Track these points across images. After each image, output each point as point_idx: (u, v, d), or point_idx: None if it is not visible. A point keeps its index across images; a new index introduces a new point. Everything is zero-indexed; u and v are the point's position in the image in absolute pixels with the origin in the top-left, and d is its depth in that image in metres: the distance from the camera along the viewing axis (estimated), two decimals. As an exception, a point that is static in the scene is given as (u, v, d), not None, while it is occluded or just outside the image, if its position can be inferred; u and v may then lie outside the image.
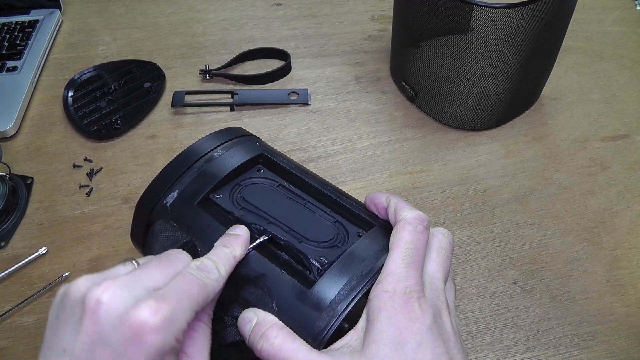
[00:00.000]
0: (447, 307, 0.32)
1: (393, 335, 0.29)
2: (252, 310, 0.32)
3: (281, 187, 0.40)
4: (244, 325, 0.32)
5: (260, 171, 0.41)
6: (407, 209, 0.35)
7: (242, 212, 0.38)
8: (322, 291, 0.32)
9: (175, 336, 0.26)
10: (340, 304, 0.31)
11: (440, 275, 0.33)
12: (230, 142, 0.42)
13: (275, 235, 0.35)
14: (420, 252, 0.32)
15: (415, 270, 0.31)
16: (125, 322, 0.25)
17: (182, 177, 0.39)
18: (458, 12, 0.53)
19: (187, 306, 0.27)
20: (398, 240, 0.33)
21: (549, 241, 0.52)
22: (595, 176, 0.58)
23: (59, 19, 0.80)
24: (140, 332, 0.25)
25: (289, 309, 0.32)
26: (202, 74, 0.71)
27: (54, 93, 0.69)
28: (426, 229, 0.34)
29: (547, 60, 0.62)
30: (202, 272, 0.30)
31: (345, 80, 0.71)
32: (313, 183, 0.40)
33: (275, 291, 0.33)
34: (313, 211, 0.38)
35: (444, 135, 0.63)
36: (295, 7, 0.83)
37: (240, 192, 0.39)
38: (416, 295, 0.30)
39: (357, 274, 0.33)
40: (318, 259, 0.34)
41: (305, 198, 0.39)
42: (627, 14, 0.81)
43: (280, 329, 0.31)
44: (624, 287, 0.49)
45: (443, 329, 0.31)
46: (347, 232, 0.37)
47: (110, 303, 0.25)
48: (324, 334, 0.31)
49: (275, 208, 0.38)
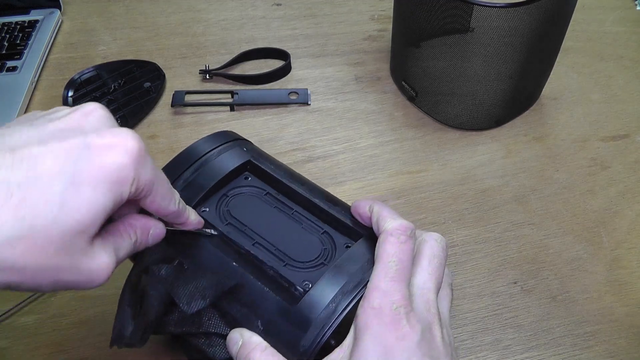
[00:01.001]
0: (438, 319, 0.31)
1: (379, 354, 0.29)
2: (239, 331, 0.32)
3: (269, 196, 0.40)
4: (231, 347, 0.32)
5: (248, 179, 0.41)
6: (389, 219, 0.34)
7: (228, 228, 0.37)
8: (307, 309, 0.32)
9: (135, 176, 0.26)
10: (325, 322, 0.31)
11: (431, 285, 0.32)
12: (218, 149, 0.41)
13: (261, 261, 0.35)
14: (405, 264, 0.32)
15: (400, 284, 0.31)
16: (110, 132, 0.26)
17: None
18: (458, 12, 0.53)
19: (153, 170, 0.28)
20: (381, 253, 0.32)
21: (549, 241, 0.52)
22: (595, 176, 0.58)
23: (59, 19, 0.80)
24: (117, 145, 0.26)
25: (274, 328, 0.32)
26: (202, 74, 0.71)
27: (54, 93, 0.69)
28: (410, 238, 0.33)
29: (547, 60, 0.62)
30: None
31: (345, 80, 0.71)
32: (301, 191, 0.39)
33: (261, 310, 0.33)
34: (300, 222, 0.38)
35: (444, 135, 0.63)
36: (295, 7, 0.83)
37: (227, 204, 0.39)
38: (404, 310, 0.30)
39: (343, 289, 0.32)
40: (302, 284, 0.34)
41: (293, 207, 0.39)
42: (627, 14, 0.81)
43: (264, 350, 0.31)
44: (624, 287, 0.49)
45: (433, 344, 0.30)
46: (334, 244, 0.37)
47: (103, 115, 0.27)
48: (309, 353, 0.31)
49: (261, 223, 0.38)
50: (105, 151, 0.25)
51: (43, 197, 0.24)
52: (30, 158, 0.24)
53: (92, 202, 0.25)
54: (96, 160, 0.25)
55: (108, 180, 0.25)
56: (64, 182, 0.24)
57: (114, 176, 0.25)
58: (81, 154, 0.25)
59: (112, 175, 0.25)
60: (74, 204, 0.24)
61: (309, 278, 0.34)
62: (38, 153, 0.24)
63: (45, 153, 0.24)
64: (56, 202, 0.24)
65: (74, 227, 0.24)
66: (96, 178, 0.25)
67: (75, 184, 0.24)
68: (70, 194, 0.24)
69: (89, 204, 0.25)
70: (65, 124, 0.26)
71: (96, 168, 0.25)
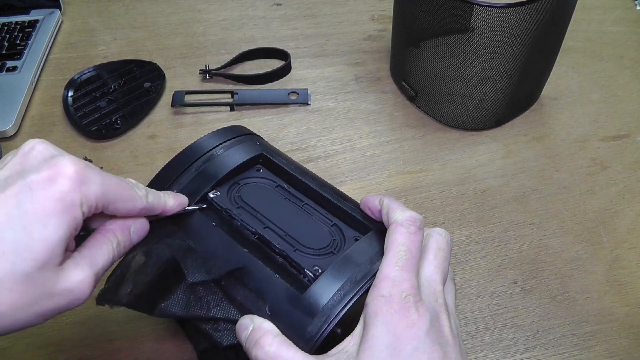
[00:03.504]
0: (445, 309, 0.32)
1: (389, 341, 0.29)
2: (249, 317, 0.32)
3: (280, 188, 0.40)
4: (240, 332, 0.32)
5: (260, 171, 0.41)
6: (399, 210, 0.34)
7: (239, 211, 0.38)
8: (315, 296, 0.32)
9: (82, 196, 0.27)
10: (332, 310, 0.31)
11: (438, 277, 0.33)
12: (230, 142, 0.41)
13: (271, 243, 0.35)
14: (414, 254, 0.32)
15: (409, 273, 0.31)
16: (47, 164, 0.27)
17: (180, 177, 0.39)
18: (458, 12, 0.53)
19: (102, 183, 0.29)
20: (391, 243, 0.32)
21: (549, 241, 0.52)
22: (595, 176, 0.58)
23: (59, 19, 0.80)
24: (56, 175, 0.27)
25: (282, 313, 0.32)
26: (202, 74, 0.71)
27: (54, 93, 0.69)
28: (419, 230, 0.33)
29: (547, 60, 0.62)
30: (133, 184, 0.32)
31: (345, 80, 0.71)
32: (312, 185, 0.40)
33: (269, 295, 0.33)
34: (310, 214, 0.38)
35: (444, 135, 0.63)
36: (295, 7, 0.83)
37: (239, 191, 0.39)
38: (412, 299, 0.30)
39: (351, 279, 0.32)
40: (312, 268, 0.34)
41: (303, 200, 0.39)
42: (627, 14, 0.81)
43: (275, 336, 0.31)
44: (624, 287, 0.49)
45: (441, 333, 0.31)
46: (343, 237, 0.37)
47: (42, 150, 0.29)
48: (316, 340, 0.31)
49: (272, 210, 0.38)
50: (46, 185, 0.27)
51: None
52: None
53: (45, 238, 0.26)
54: (39, 197, 0.26)
55: (55, 212, 0.26)
56: (13, 229, 0.25)
57: (59, 206, 0.26)
58: (24, 197, 0.26)
59: (57, 206, 0.26)
60: (28, 246, 0.26)
61: (319, 264, 0.34)
62: None
63: None
64: (11, 251, 0.25)
65: (35, 266, 0.26)
66: (43, 214, 0.26)
67: (25, 227, 0.26)
68: (22, 239, 0.25)
69: (43, 242, 0.26)
70: (8, 171, 0.28)
71: (40, 205, 0.26)
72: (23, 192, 0.26)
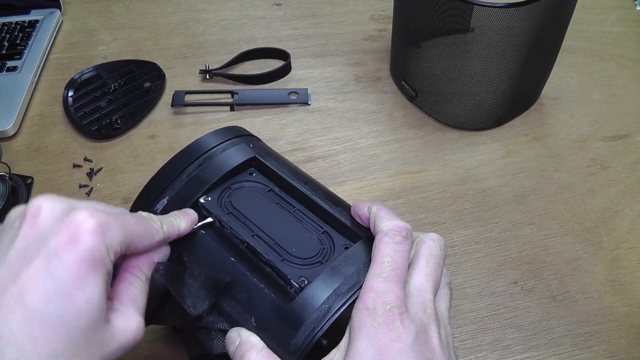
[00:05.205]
0: (435, 319, 0.31)
1: (372, 355, 0.29)
2: (237, 330, 0.33)
3: (271, 193, 0.40)
4: (228, 345, 0.32)
5: (253, 175, 0.41)
6: (385, 219, 0.33)
7: (228, 217, 0.37)
8: (299, 309, 0.32)
9: (108, 245, 0.27)
10: (317, 323, 0.31)
11: (428, 285, 0.32)
12: (224, 144, 0.41)
13: (258, 252, 0.35)
14: (399, 265, 0.31)
15: (394, 284, 0.30)
16: (64, 223, 0.26)
17: (174, 182, 0.38)
18: (458, 12, 0.53)
19: (121, 226, 0.28)
20: (376, 254, 0.32)
21: (549, 241, 0.52)
22: (596, 176, 0.58)
23: (59, 19, 0.80)
24: (77, 232, 0.26)
25: (267, 325, 0.32)
26: (202, 74, 0.71)
27: (54, 93, 0.69)
28: (405, 239, 0.32)
29: (547, 60, 0.62)
30: (145, 217, 0.32)
31: (345, 80, 0.71)
32: (304, 190, 0.39)
33: (255, 307, 0.33)
34: (301, 220, 0.38)
35: (444, 135, 0.63)
36: (295, 7, 0.83)
37: (229, 196, 0.39)
38: (397, 311, 0.30)
39: (337, 291, 0.32)
40: (298, 280, 0.34)
41: (295, 205, 0.39)
42: (627, 14, 0.81)
43: (260, 351, 0.31)
44: (624, 286, 0.49)
45: (428, 345, 0.30)
46: (333, 245, 0.37)
47: (50, 208, 0.27)
48: (300, 352, 0.31)
49: (261, 217, 0.37)
50: (70, 246, 0.26)
51: (47, 329, 0.25)
52: (15, 302, 0.25)
53: (87, 300, 0.26)
54: (68, 261, 0.25)
55: (88, 271, 0.26)
56: (55, 302, 0.25)
57: (90, 264, 0.26)
58: (53, 265, 0.25)
59: (89, 265, 0.26)
60: (75, 314, 0.25)
61: (306, 275, 0.34)
62: (18, 293, 0.25)
63: (25, 290, 0.25)
64: (61, 324, 0.25)
65: (89, 328, 0.26)
66: (78, 277, 0.25)
67: (65, 295, 0.25)
68: (67, 309, 0.25)
69: (87, 304, 0.26)
70: (23, 240, 0.26)
71: (73, 269, 0.25)
72: (51, 261, 0.25)
